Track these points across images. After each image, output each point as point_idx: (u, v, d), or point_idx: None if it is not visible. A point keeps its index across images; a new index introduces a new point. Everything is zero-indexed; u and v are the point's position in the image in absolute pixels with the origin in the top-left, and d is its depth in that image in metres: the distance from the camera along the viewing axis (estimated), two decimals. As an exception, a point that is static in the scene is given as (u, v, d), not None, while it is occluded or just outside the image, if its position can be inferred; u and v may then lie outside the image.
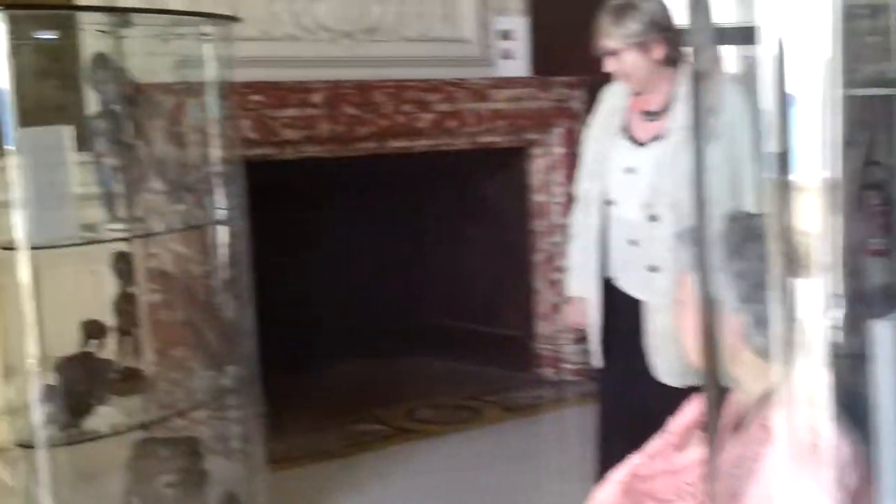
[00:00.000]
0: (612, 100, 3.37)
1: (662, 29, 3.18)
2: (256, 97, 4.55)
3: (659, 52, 3.19)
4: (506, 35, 5.59)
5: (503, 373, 5.78)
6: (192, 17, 3.54)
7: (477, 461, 4.65)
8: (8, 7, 2.92)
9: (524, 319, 5.75)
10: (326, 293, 5.71)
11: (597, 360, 3.42)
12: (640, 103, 3.29)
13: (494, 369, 5.83)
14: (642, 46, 3.18)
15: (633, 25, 3.18)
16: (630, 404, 3.28)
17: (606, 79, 3.36)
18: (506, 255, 5.80)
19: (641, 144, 3.27)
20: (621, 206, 3.28)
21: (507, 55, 5.59)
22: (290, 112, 4.71)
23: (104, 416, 3.10)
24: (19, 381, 3.01)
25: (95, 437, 3.00)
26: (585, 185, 3.40)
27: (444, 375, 5.86)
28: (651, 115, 3.27)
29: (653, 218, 3.18)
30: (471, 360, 5.94)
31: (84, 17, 3.36)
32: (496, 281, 5.88)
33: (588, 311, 3.39)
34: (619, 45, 3.18)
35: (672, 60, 3.21)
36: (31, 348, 2.92)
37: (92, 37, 3.30)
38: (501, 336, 5.89)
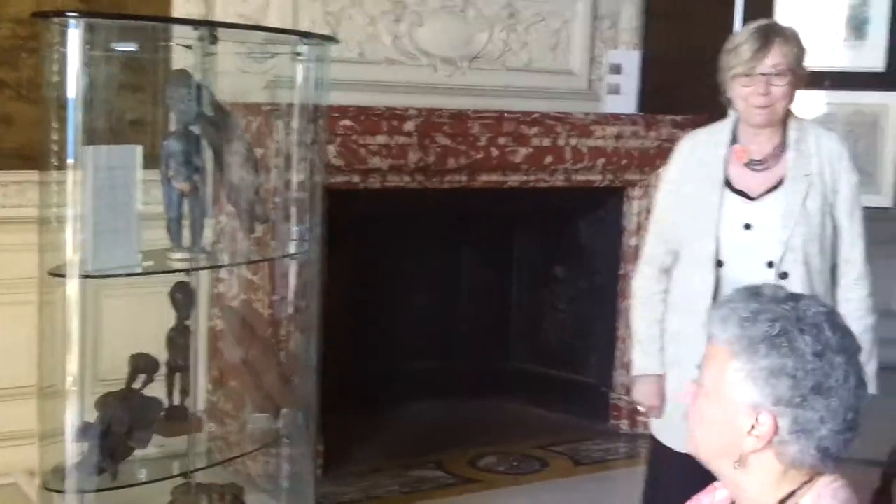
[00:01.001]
0: (704, 149, 3.06)
1: (803, 63, 2.96)
2: (345, 122, 4.34)
3: (801, 86, 2.94)
4: (616, 69, 5.34)
5: (577, 421, 5.50)
6: (287, 36, 3.36)
7: (539, 518, 4.40)
8: (85, 15, 2.75)
9: (604, 367, 5.49)
10: (404, 329, 5.47)
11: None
12: (741, 153, 3.01)
13: (569, 417, 5.56)
14: (795, 75, 2.91)
15: (794, 49, 2.92)
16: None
17: (720, 118, 3.11)
18: (593, 299, 5.54)
19: (752, 198, 3.00)
20: (737, 266, 2.98)
21: (614, 90, 5.34)
22: (380, 139, 4.49)
23: (143, 460, 2.91)
24: (58, 411, 2.83)
25: (128, 485, 2.80)
26: (683, 244, 3.08)
27: (515, 421, 5.58)
28: (757, 164, 3.00)
29: (783, 276, 2.94)
30: (545, 407, 5.67)
31: (172, 31, 3.18)
32: (580, 325, 5.62)
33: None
34: (781, 66, 2.88)
35: (792, 102, 2.97)
36: (74, 378, 2.74)
37: (180, 52, 3.11)
38: (579, 383, 5.63)
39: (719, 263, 3.01)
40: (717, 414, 1.77)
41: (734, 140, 3.03)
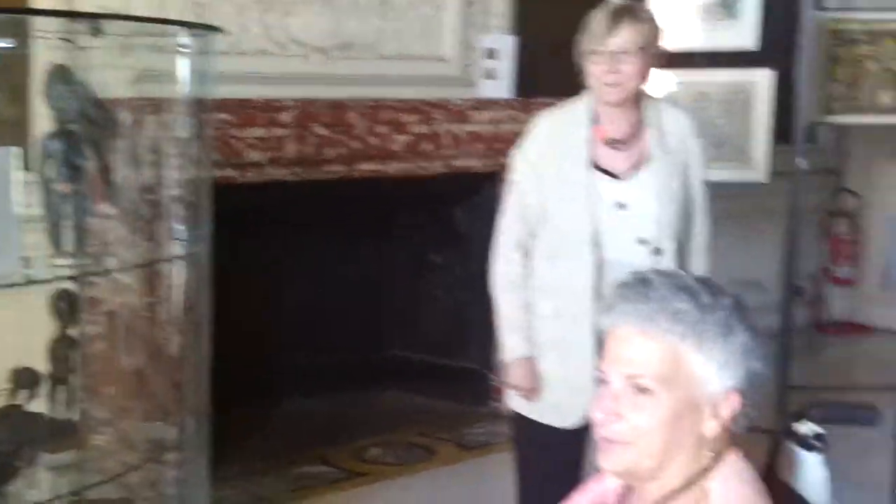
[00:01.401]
0: (564, 129, 3.07)
1: (657, 43, 2.99)
2: (220, 115, 4.19)
3: (655, 65, 2.98)
4: (490, 54, 5.30)
5: (460, 407, 5.49)
6: (166, 27, 3.20)
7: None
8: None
9: (483, 351, 5.47)
10: (281, 323, 5.34)
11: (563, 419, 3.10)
12: (601, 132, 3.03)
13: (451, 403, 5.54)
14: (647, 54, 2.94)
15: (645, 28, 2.95)
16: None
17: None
18: (470, 285, 5.50)
19: (619, 178, 3.03)
20: (612, 245, 3.01)
21: (489, 75, 5.31)
22: (257, 132, 4.37)
23: (32, 481, 2.75)
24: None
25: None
26: (550, 227, 3.07)
27: (398, 410, 5.53)
28: (618, 144, 3.04)
29: (656, 252, 3.00)
30: (427, 394, 5.64)
31: (39, 24, 2.99)
32: (458, 311, 5.59)
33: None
34: (630, 45, 2.91)
35: (646, 81, 3.01)
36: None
37: (46, 46, 2.93)
38: (459, 368, 5.61)
39: (596, 244, 3.02)
40: (669, 412, 1.71)
41: (593, 120, 3.05)
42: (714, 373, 1.71)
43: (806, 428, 2.07)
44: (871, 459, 4.21)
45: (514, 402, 3.22)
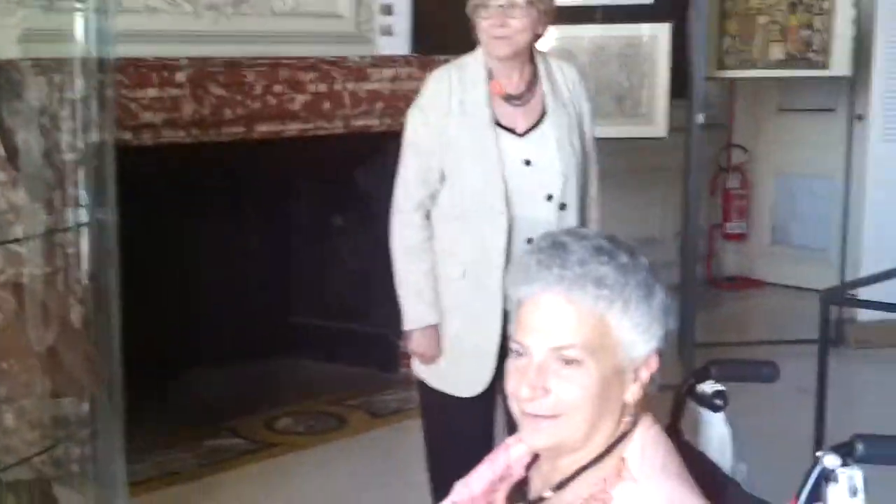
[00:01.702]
0: (461, 87, 2.99)
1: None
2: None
3: (546, 21, 2.95)
4: (387, 10, 5.18)
5: (369, 373, 5.41)
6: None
7: (342, 478, 4.28)
8: None
9: (390, 316, 5.36)
10: (182, 292, 5.15)
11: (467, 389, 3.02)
12: (498, 88, 2.99)
13: (360, 370, 5.45)
14: (536, 8, 2.90)
15: None
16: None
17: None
18: (376, 248, 5.39)
19: (521, 134, 2.98)
20: (520, 202, 2.95)
21: (386, 31, 5.19)
22: (151, 92, 4.18)
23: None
24: None
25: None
26: (456, 187, 2.99)
27: (307, 378, 5.42)
28: (516, 100, 3.00)
29: (562, 207, 2.98)
30: (336, 361, 5.55)
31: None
32: (365, 275, 5.47)
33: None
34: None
35: (538, 38, 2.98)
36: None
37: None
38: (367, 334, 5.50)
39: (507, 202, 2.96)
40: (598, 382, 1.64)
41: (489, 77, 3.00)
42: (639, 336, 1.65)
43: (706, 386, 2.04)
44: (770, 414, 4.29)
45: (420, 370, 3.15)
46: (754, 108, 7.49)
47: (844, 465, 1.63)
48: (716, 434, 2.04)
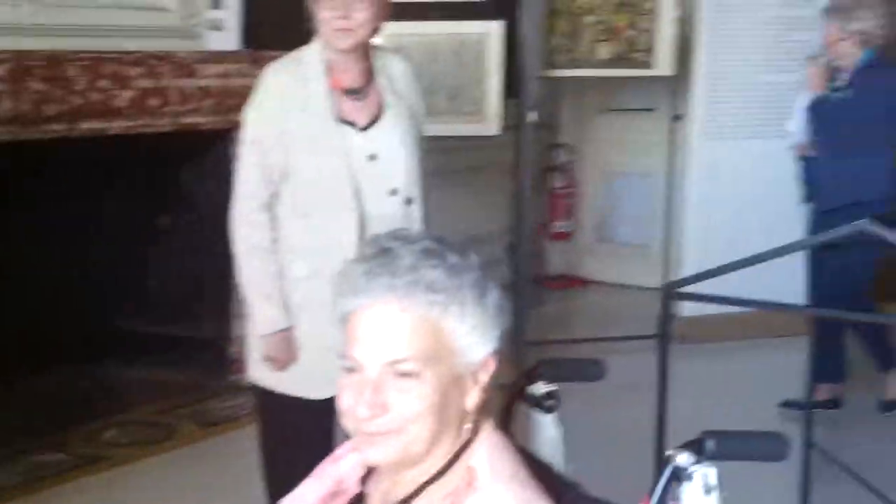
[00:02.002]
0: (299, 82, 2.95)
1: None
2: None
3: (384, 15, 2.93)
4: (215, 4, 5.02)
5: (198, 380, 5.21)
6: None
7: (172, 493, 4.10)
8: None
9: (219, 321, 5.22)
10: (4, 294, 4.85)
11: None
12: (337, 81, 2.95)
13: (188, 376, 5.26)
14: (378, 1, 2.89)
15: None
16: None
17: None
18: (203, 250, 5.22)
19: (363, 128, 2.96)
20: (366, 197, 2.93)
21: (215, 26, 5.02)
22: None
23: None
24: None
25: None
26: (300, 185, 2.93)
27: (132, 387, 5.19)
28: (354, 95, 2.97)
29: (408, 202, 2.99)
30: (161, 367, 5.33)
31: None
32: (191, 277, 5.31)
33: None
34: None
35: (376, 32, 2.96)
36: None
37: None
38: (194, 339, 5.33)
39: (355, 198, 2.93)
40: (437, 392, 1.57)
41: (327, 71, 2.96)
42: (476, 339, 1.59)
43: (536, 387, 2.02)
44: (600, 412, 4.29)
45: (260, 375, 3.06)
46: (580, 107, 7.57)
47: (697, 462, 1.61)
48: (548, 435, 2.02)
